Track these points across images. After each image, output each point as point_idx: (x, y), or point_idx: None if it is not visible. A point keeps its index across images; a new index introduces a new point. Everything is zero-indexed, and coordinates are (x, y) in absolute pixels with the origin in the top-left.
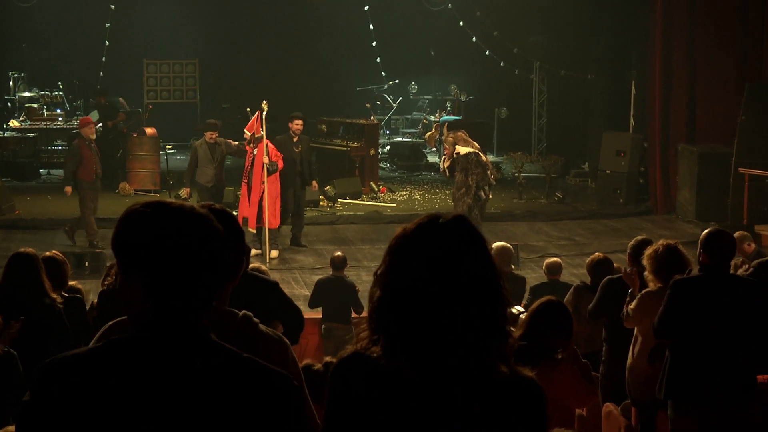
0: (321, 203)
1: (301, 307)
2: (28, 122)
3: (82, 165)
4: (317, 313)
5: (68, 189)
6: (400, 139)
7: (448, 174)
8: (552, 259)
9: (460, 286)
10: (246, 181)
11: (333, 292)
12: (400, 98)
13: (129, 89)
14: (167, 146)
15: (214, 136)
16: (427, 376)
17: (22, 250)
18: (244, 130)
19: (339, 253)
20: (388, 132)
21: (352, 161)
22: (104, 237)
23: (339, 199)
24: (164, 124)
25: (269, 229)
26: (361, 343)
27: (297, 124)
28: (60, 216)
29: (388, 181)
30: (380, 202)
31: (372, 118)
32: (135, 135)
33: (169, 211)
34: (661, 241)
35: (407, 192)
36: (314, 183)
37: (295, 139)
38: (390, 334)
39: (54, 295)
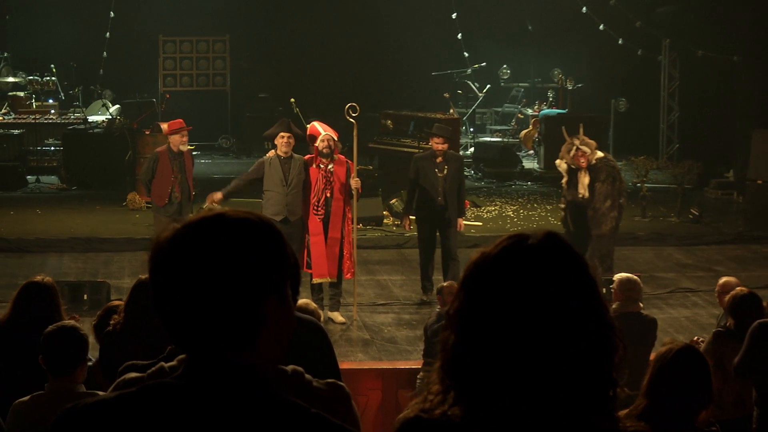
0: (385, 221)
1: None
2: (13, 115)
3: (153, 183)
4: (377, 363)
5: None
6: (487, 139)
7: (587, 194)
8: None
9: (557, 325)
10: (316, 211)
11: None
12: (488, 86)
13: (140, 73)
14: (190, 147)
15: (288, 140)
16: None
17: (37, 279)
18: (313, 135)
19: (447, 283)
20: (472, 129)
21: None
22: (107, 262)
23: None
24: (185, 117)
25: (338, 280)
26: (430, 401)
27: (438, 143)
28: (52, 235)
29: (471, 193)
30: (464, 218)
31: (451, 111)
32: (147, 132)
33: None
34: None
35: (496, 207)
36: (461, 221)
37: (438, 160)
38: (467, 388)
39: None
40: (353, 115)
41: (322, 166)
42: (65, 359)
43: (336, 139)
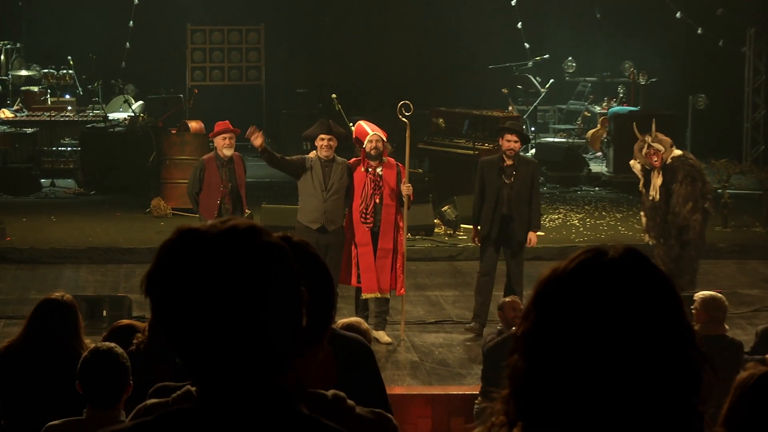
0: (436, 230)
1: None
2: (26, 112)
3: (201, 196)
4: (428, 388)
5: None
6: (550, 140)
7: (658, 196)
8: None
9: (639, 351)
10: (364, 219)
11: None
12: (551, 81)
13: (166, 66)
14: None
15: (329, 142)
16: None
17: (56, 295)
18: (359, 136)
19: (509, 299)
20: (533, 129)
21: None
22: (129, 275)
23: (461, 225)
24: (214, 115)
25: (384, 296)
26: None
27: (511, 141)
28: (68, 245)
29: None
30: None
31: (510, 108)
32: (174, 131)
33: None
34: None
35: (560, 215)
36: (532, 236)
37: (507, 164)
38: (537, 420)
39: None
40: (406, 114)
41: (370, 169)
42: (107, 390)
43: (385, 139)
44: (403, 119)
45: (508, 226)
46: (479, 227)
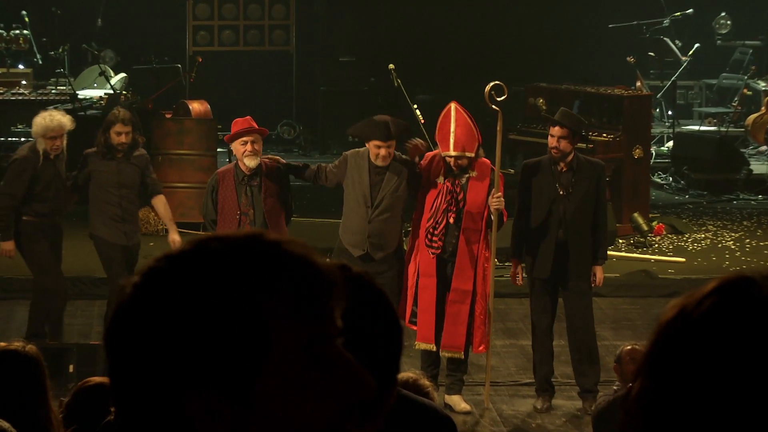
0: None
1: None
2: None
3: (219, 223)
4: None
5: None
6: (694, 128)
7: None
8: None
9: None
10: (429, 242)
11: None
12: (697, 46)
13: (158, 26)
14: None
15: (388, 150)
16: None
17: (15, 346)
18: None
19: (629, 347)
20: (670, 113)
21: None
22: (104, 316)
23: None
24: (225, 93)
25: (455, 355)
26: None
27: (556, 136)
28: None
29: (669, 211)
30: (653, 251)
31: (638, 84)
32: (169, 115)
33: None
34: None
35: (708, 235)
36: (598, 272)
37: (561, 168)
38: None
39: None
40: (498, 99)
41: (448, 180)
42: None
43: (474, 154)
44: (494, 107)
45: (563, 257)
46: (520, 261)
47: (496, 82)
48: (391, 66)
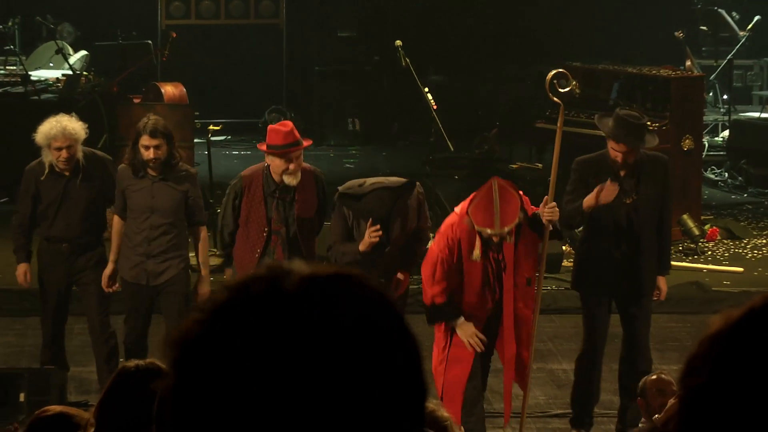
0: (565, 262)
1: None
2: None
3: (238, 237)
4: None
5: (227, 272)
6: (754, 114)
7: None
8: None
9: None
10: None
11: None
12: (757, 18)
13: None
14: (212, 127)
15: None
16: None
17: (50, 412)
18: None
19: (654, 376)
20: (725, 98)
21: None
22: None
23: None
24: (202, 74)
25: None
26: None
27: (620, 150)
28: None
29: (724, 212)
30: (706, 259)
31: (688, 64)
32: (137, 101)
33: None
34: None
35: None
36: (661, 283)
37: (622, 173)
38: None
39: None
40: (561, 91)
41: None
42: None
43: (513, 228)
44: (556, 99)
45: (630, 273)
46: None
47: (560, 69)
48: (399, 42)
